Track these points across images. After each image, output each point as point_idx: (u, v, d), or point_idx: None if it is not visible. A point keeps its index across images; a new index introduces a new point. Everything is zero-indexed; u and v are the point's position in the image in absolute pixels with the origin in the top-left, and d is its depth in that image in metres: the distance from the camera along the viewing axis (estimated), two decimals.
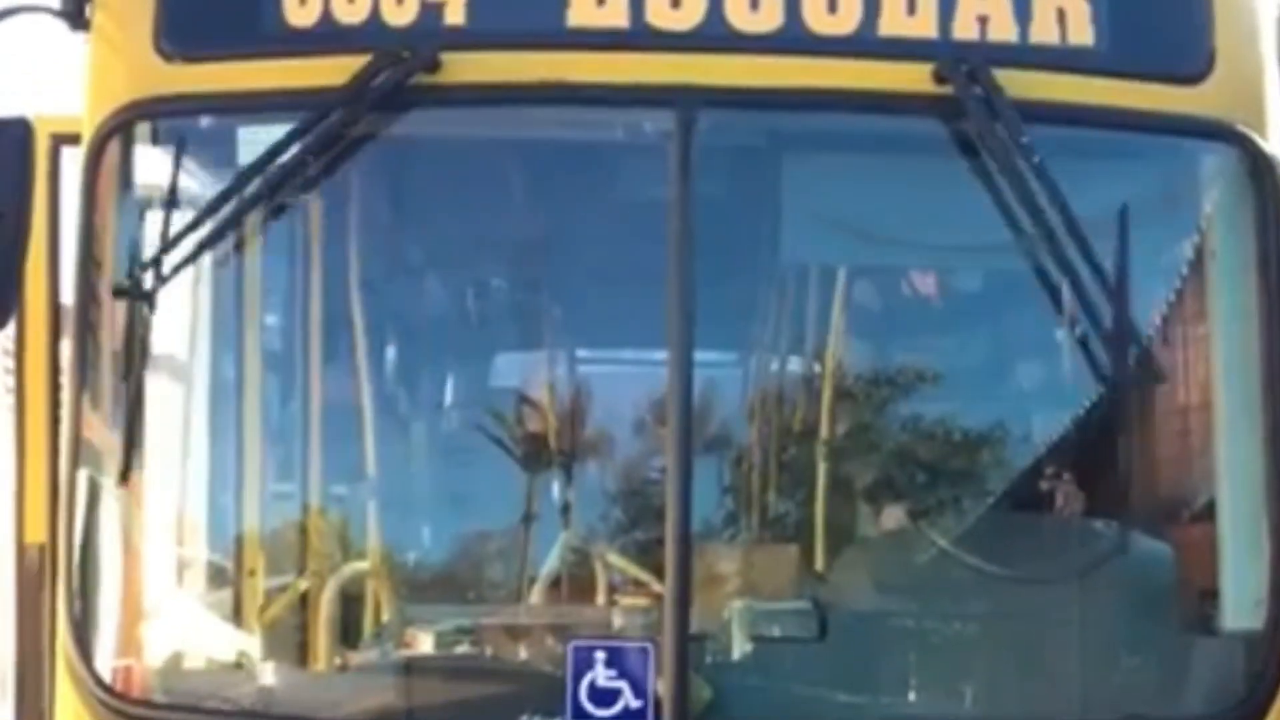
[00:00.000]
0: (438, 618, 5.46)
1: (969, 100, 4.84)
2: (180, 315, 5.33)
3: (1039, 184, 4.82)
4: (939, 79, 4.88)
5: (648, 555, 5.41)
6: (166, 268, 4.95)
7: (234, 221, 5.11)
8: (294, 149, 4.92)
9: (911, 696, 5.28)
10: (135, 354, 5.10)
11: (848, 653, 5.27)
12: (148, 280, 4.93)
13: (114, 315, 5.09)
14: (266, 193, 5.04)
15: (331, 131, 4.88)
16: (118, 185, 5.09)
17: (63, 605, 4.99)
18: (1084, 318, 4.98)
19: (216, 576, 5.54)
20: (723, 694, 4.94)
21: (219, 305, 5.44)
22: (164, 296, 5.05)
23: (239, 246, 5.25)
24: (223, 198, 4.97)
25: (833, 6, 4.98)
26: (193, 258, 5.01)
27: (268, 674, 5.36)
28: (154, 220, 5.06)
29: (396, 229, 5.68)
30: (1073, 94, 4.98)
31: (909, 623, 5.44)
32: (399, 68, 4.85)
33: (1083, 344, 5.02)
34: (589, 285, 5.88)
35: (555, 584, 5.69)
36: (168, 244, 4.93)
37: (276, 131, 4.94)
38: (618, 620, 5.38)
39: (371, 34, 4.94)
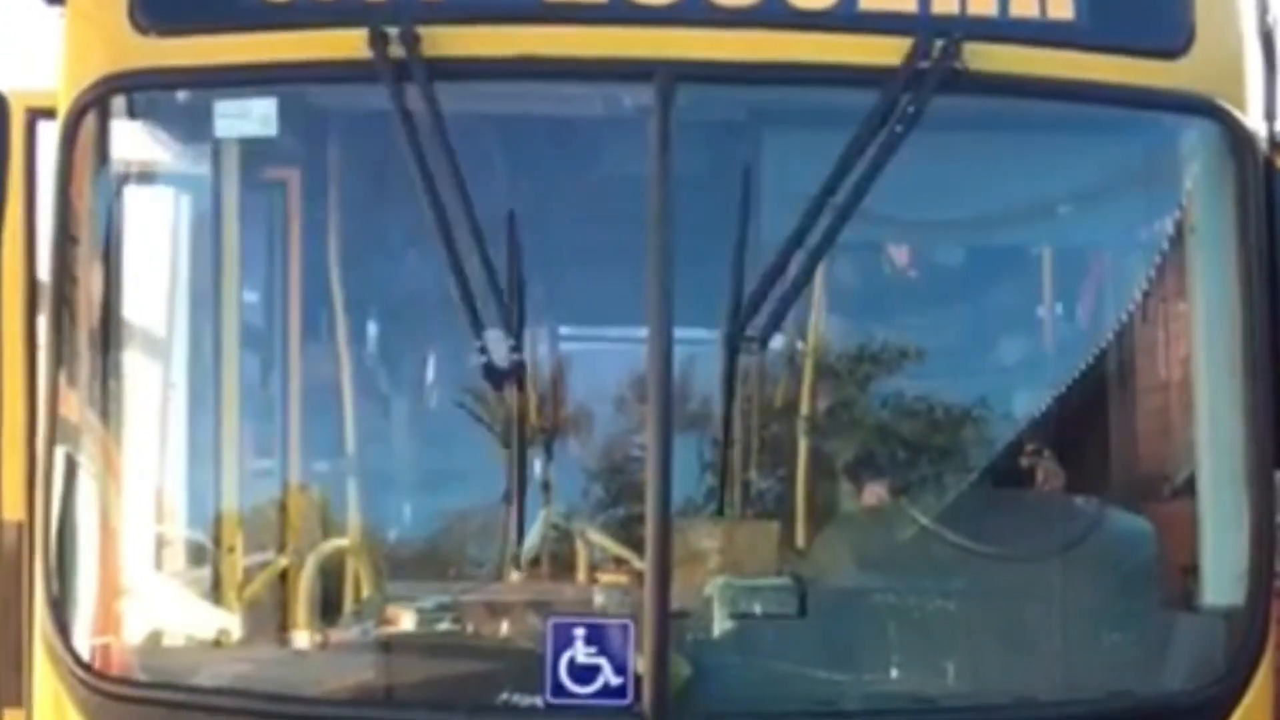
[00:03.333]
0: (418, 595, 5.45)
1: (947, 75, 4.83)
2: (158, 292, 5.32)
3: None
4: (918, 53, 4.87)
5: (628, 532, 5.41)
6: (143, 245, 4.94)
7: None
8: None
9: (892, 673, 5.28)
10: (112, 330, 5.09)
11: (828, 630, 5.28)
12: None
13: (91, 291, 5.08)
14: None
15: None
16: (94, 159, 5.07)
17: (40, 583, 4.98)
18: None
19: (196, 554, 5.53)
20: (702, 671, 4.94)
21: (197, 281, 5.43)
22: (141, 273, 5.04)
23: (217, 222, 5.23)
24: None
25: None
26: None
27: (247, 651, 5.35)
28: (130, 194, 5.04)
29: (374, 205, 5.66)
30: (1052, 68, 4.97)
31: (889, 600, 5.44)
32: (376, 42, 4.83)
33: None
34: (568, 262, 5.87)
35: (535, 561, 5.69)
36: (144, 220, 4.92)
37: (251, 106, 4.93)
38: (598, 597, 5.37)
39: (348, 8, 4.92)
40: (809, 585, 5.31)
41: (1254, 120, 5.11)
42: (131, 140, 5.12)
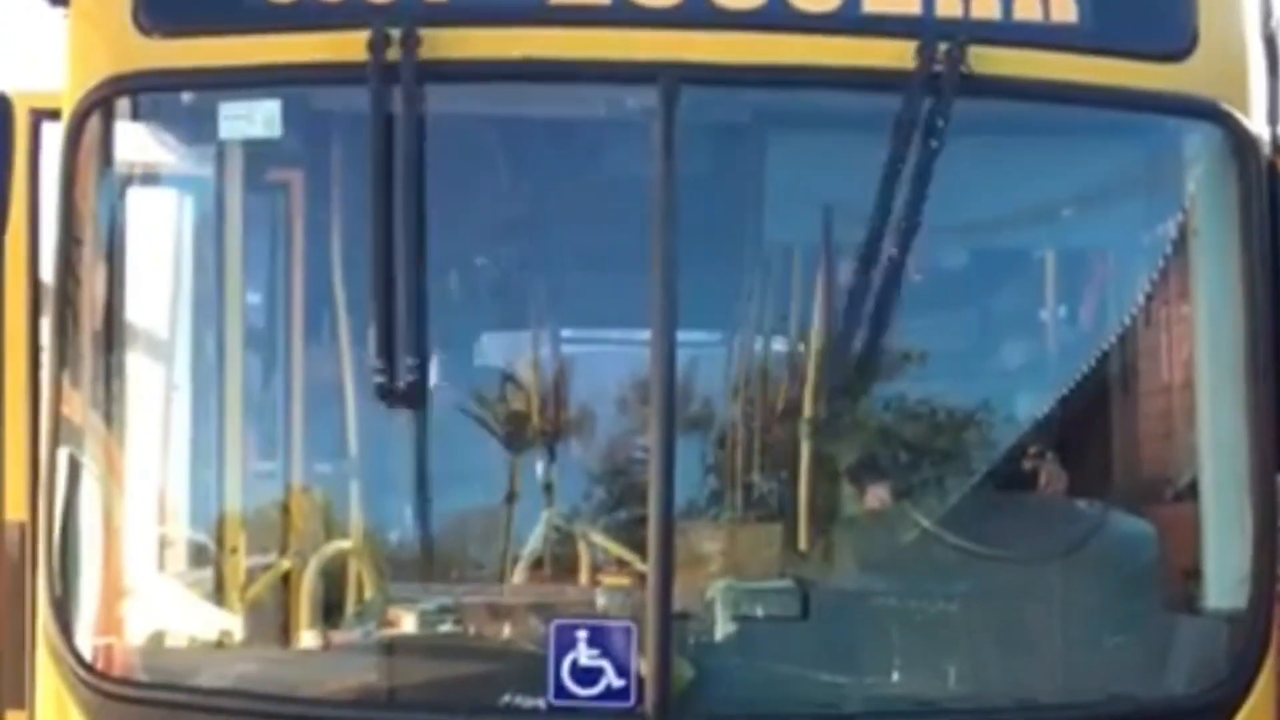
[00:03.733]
0: (420, 597, 5.44)
1: (951, 77, 4.83)
2: (161, 293, 5.31)
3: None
4: (922, 56, 4.87)
5: (631, 535, 5.40)
6: (146, 246, 4.94)
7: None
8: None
9: (894, 676, 5.28)
10: (115, 332, 5.09)
11: (830, 632, 5.28)
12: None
13: (94, 292, 5.08)
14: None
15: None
16: (98, 161, 5.07)
17: (43, 583, 4.98)
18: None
19: (198, 555, 5.53)
20: (705, 673, 4.95)
21: (200, 283, 5.43)
22: (144, 275, 5.04)
23: (220, 224, 5.23)
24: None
25: None
26: (173, 236, 5.00)
27: (250, 653, 5.35)
28: (134, 196, 5.05)
29: (377, 206, 5.65)
30: (1056, 71, 4.97)
31: (892, 602, 5.44)
32: (378, 44, 4.83)
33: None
34: (571, 264, 5.87)
35: (538, 563, 5.69)
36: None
37: (256, 107, 4.93)
38: (600, 599, 5.37)
39: (352, 10, 4.92)
40: (811, 588, 5.32)
41: (1257, 123, 5.12)
42: (135, 142, 5.12)
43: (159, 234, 5.34)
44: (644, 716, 4.69)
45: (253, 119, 4.98)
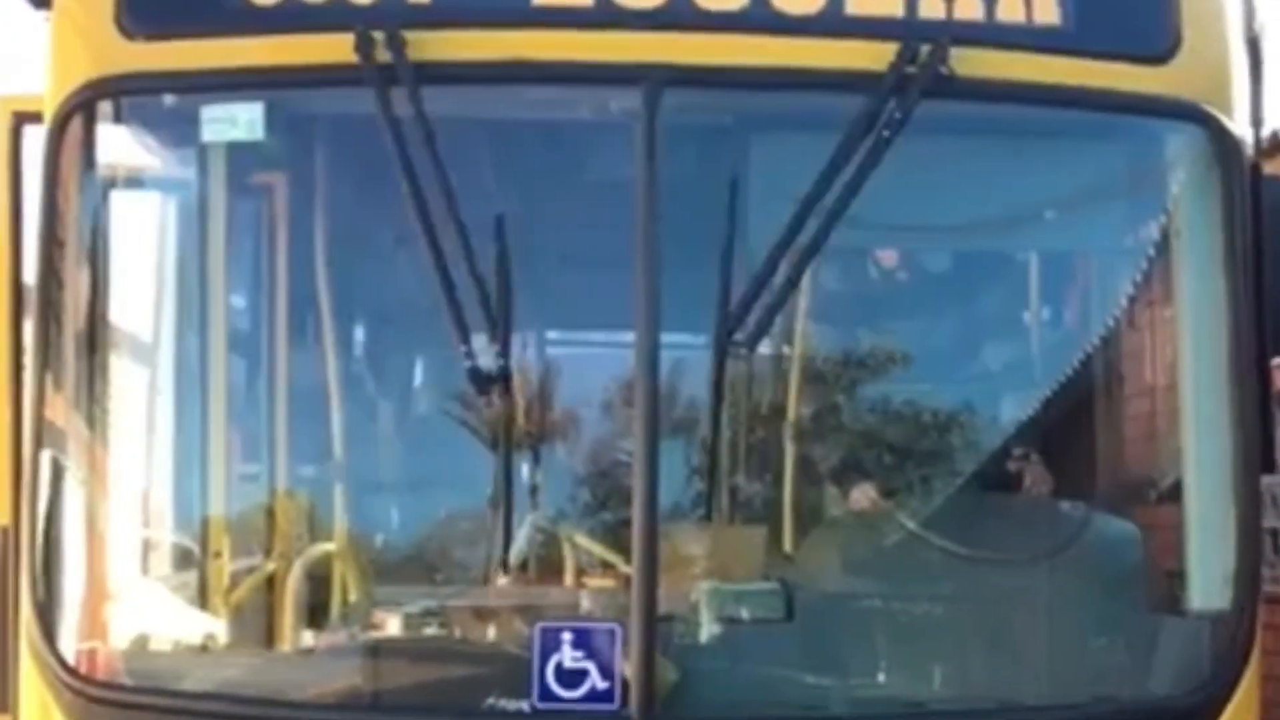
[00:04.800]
0: (405, 599, 5.43)
1: (934, 80, 4.84)
2: (144, 296, 5.31)
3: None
4: (905, 58, 4.87)
5: (615, 537, 5.40)
6: (129, 249, 4.93)
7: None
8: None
9: (879, 678, 5.28)
10: (99, 335, 5.08)
11: (815, 634, 5.28)
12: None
13: (77, 295, 5.07)
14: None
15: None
16: (80, 164, 5.05)
17: (26, 587, 4.97)
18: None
19: (182, 558, 5.52)
20: (690, 675, 4.94)
21: (184, 286, 5.42)
22: (127, 278, 5.03)
23: (204, 227, 5.22)
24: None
25: None
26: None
27: (234, 656, 5.34)
28: (116, 199, 5.04)
29: (362, 209, 5.66)
30: (1039, 73, 4.97)
31: (877, 604, 5.45)
32: (363, 46, 4.82)
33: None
34: (555, 266, 5.87)
35: (522, 565, 5.68)
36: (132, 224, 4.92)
37: (238, 110, 4.92)
38: (585, 602, 5.37)
39: (335, 12, 4.91)
40: (796, 589, 5.31)
41: (1240, 126, 5.12)
42: (118, 145, 5.10)
43: (142, 237, 5.33)
44: (628, 718, 4.69)
45: (235, 122, 4.97)
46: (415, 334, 6.18)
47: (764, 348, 5.89)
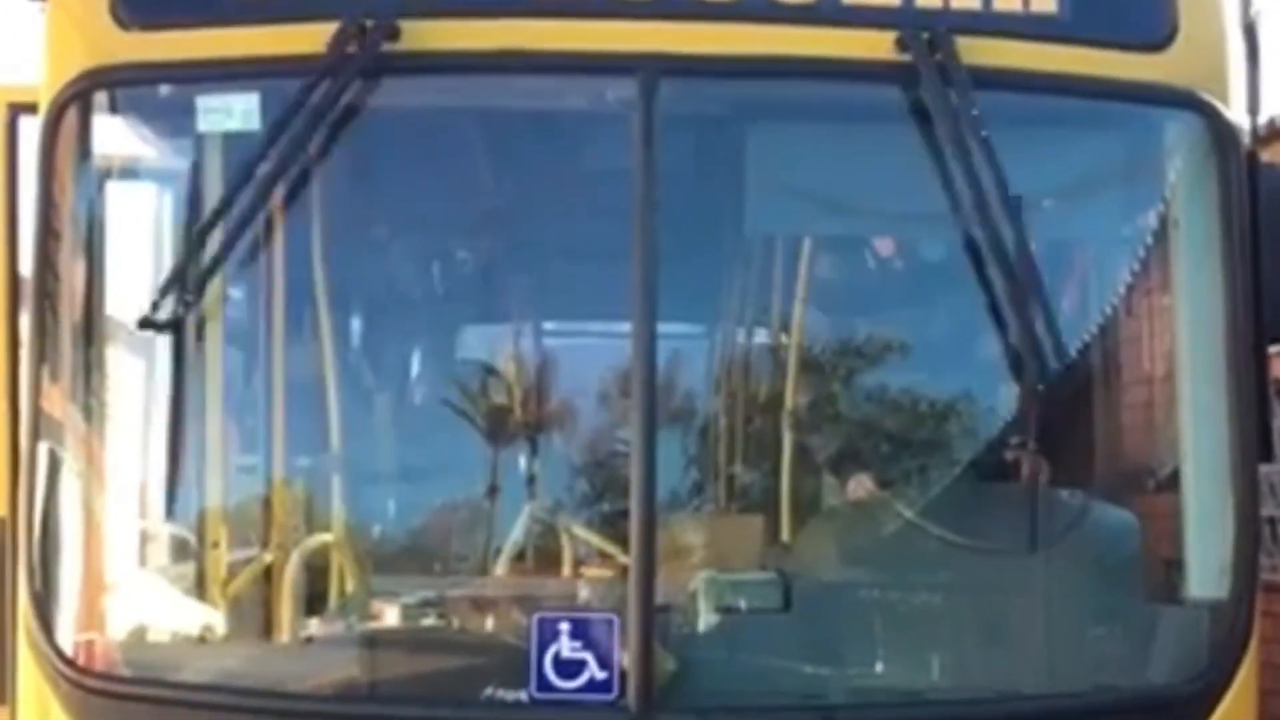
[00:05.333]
0: (402, 590, 5.44)
1: (930, 68, 4.83)
2: (140, 287, 5.29)
3: (1000, 153, 4.82)
4: (901, 47, 4.87)
5: (613, 527, 5.40)
6: (125, 240, 4.92)
7: (195, 192, 5.07)
8: (253, 119, 4.90)
9: (877, 667, 5.28)
10: (95, 326, 5.08)
11: (813, 624, 5.27)
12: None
13: (73, 287, 5.07)
14: (226, 165, 5.02)
15: (290, 101, 4.84)
16: (76, 155, 5.05)
17: (23, 579, 4.96)
18: (1048, 288, 4.98)
19: (180, 550, 5.51)
20: (687, 665, 4.94)
21: (182, 277, 5.41)
22: (124, 269, 5.02)
23: (199, 217, 5.21)
24: (184, 169, 4.96)
25: None
26: (152, 229, 4.98)
27: (232, 647, 5.34)
28: (112, 189, 5.03)
29: (358, 200, 5.65)
30: (1036, 61, 4.97)
31: (874, 594, 5.44)
32: (359, 36, 4.82)
33: (1047, 314, 5.01)
34: (551, 257, 5.86)
35: (520, 556, 5.68)
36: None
37: (234, 101, 4.92)
38: (583, 592, 5.38)
39: (330, 2, 4.90)
40: (793, 579, 5.31)
41: (1237, 113, 5.11)
42: (113, 135, 5.10)
43: (138, 228, 5.32)
44: (626, 709, 4.69)
45: (231, 112, 4.97)
46: (413, 324, 6.18)
47: (760, 337, 5.91)
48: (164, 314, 5.04)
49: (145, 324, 5.02)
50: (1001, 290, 5.09)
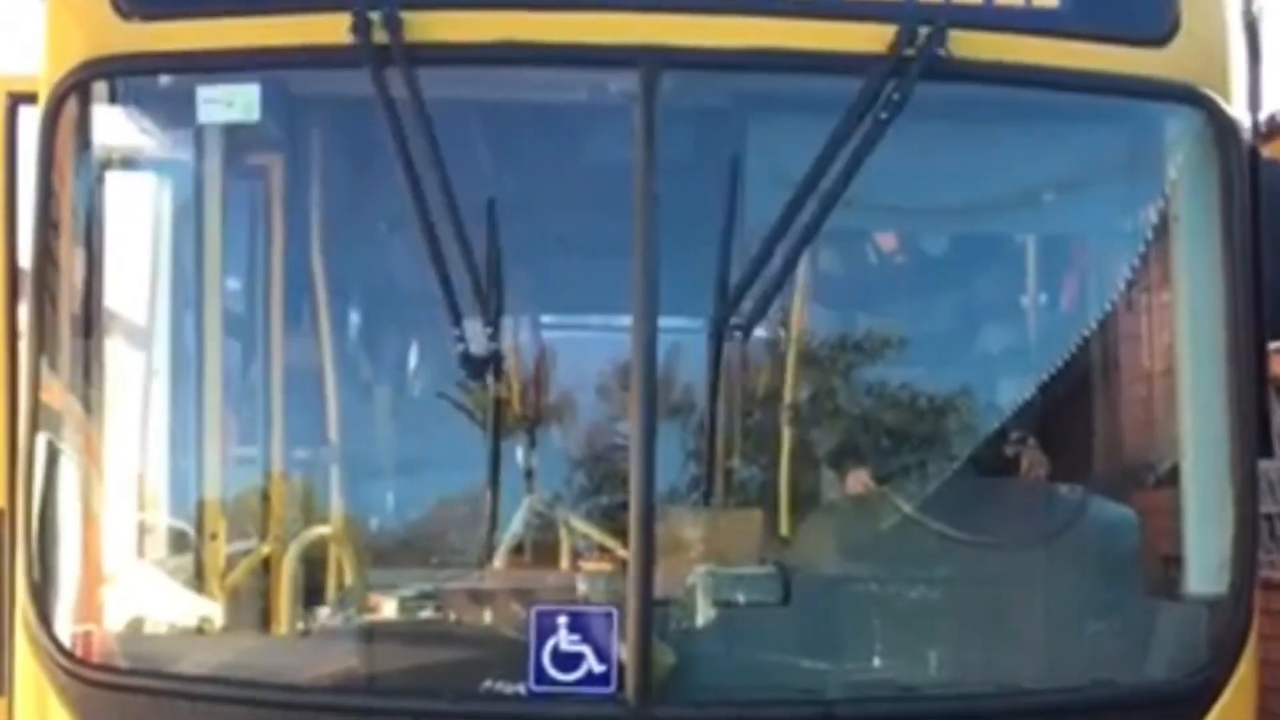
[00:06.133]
0: (401, 583, 5.44)
1: (931, 62, 4.83)
2: (140, 278, 5.29)
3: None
4: (903, 41, 4.86)
5: (612, 520, 5.40)
6: (125, 231, 4.92)
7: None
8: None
9: (876, 661, 5.28)
10: (94, 317, 5.07)
11: (812, 618, 5.27)
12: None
13: (72, 277, 5.06)
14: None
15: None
16: (75, 145, 5.05)
17: (22, 570, 4.96)
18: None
19: (178, 541, 5.51)
20: (686, 659, 4.94)
21: (179, 268, 5.41)
22: (123, 259, 5.02)
23: (200, 208, 5.21)
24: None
25: None
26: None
27: (230, 639, 5.34)
28: (112, 180, 5.02)
29: (357, 191, 5.65)
30: (1037, 56, 4.96)
31: (873, 588, 5.44)
32: (360, 28, 4.81)
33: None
34: (552, 249, 5.86)
35: (519, 549, 5.67)
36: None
37: (234, 91, 4.91)
38: (581, 585, 5.36)
39: None
40: (792, 573, 5.31)
41: (1238, 109, 5.11)
42: (113, 125, 5.10)
43: (137, 219, 5.32)
44: (625, 702, 4.69)
45: (231, 103, 4.96)
46: (412, 317, 6.17)
47: (761, 331, 5.89)
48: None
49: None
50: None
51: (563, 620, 4.78)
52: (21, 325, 5.28)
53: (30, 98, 5.20)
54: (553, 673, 4.76)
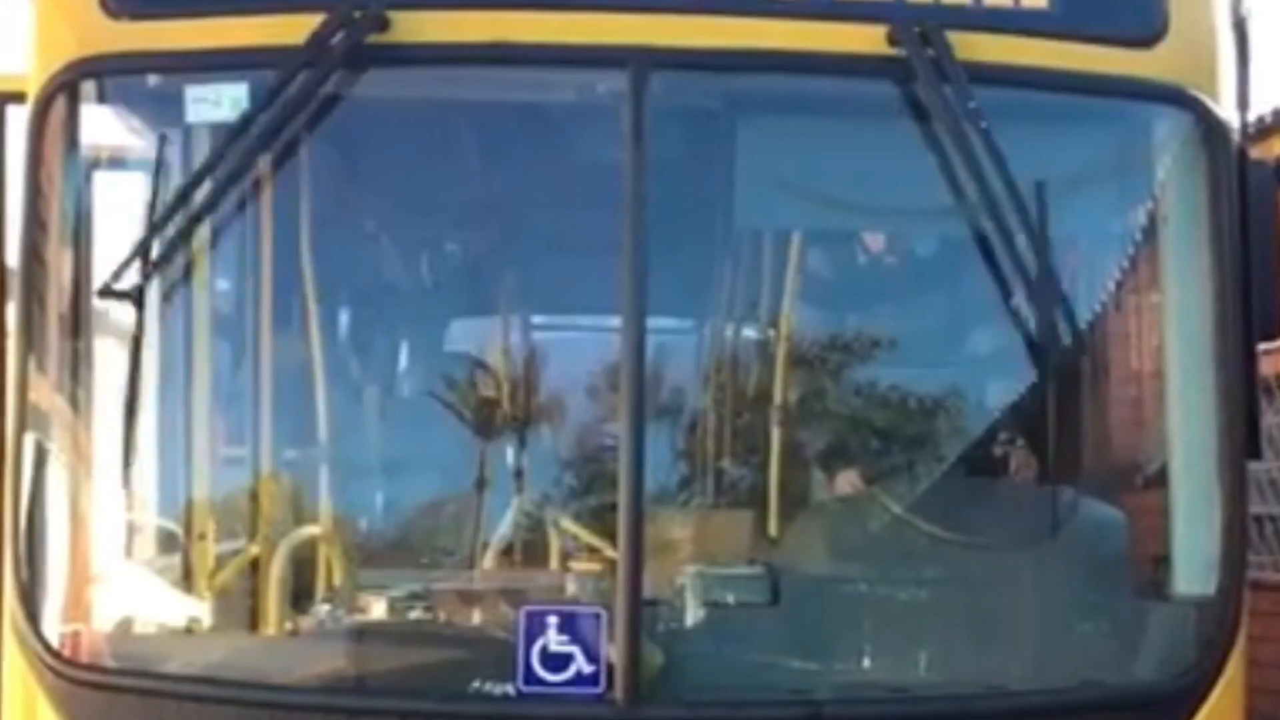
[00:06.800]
0: (390, 583, 5.43)
1: (921, 63, 4.83)
2: (128, 278, 5.28)
3: (990, 148, 4.82)
4: (893, 41, 4.87)
5: (601, 521, 5.39)
6: (113, 230, 4.91)
7: (183, 183, 5.06)
8: (241, 110, 4.89)
9: (865, 662, 5.28)
10: (82, 316, 5.06)
11: (801, 619, 5.27)
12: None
13: (60, 277, 5.05)
14: (214, 154, 5.00)
15: (278, 92, 4.83)
16: (63, 144, 5.05)
17: (9, 570, 4.96)
18: (1037, 283, 4.98)
19: (166, 541, 5.50)
20: (675, 659, 4.94)
21: (168, 267, 5.39)
22: (111, 259, 5.01)
23: (187, 207, 5.20)
24: (172, 159, 4.94)
25: None
26: (140, 219, 4.97)
27: (219, 639, 5.33)
28: (100, 179, 5.02)
29: (346, 192, 5.64)
30: (1027, 57, 4.97)
31: (862, 589, 5.44)
32: (348, 27, 4.80)
33: (1036, 309, 5.01)
34: (541, 250, 5.86)
35: (508, 549, 5.67)
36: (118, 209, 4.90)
37: (223, 91, 4.91)
38: (570, 586, 5.37)
39: None
40: (781, 574, 5.31)
41: (1227, 110, 5.12)
42: (102, 125, 5.10)
43: (125, 218, 5.31)
44: (613, 702, 4.69)
45: (219, 103, 4.96)
46: (401, 317, 6.17)
47: (749, 332, 5.90)
48: (150, 304, 5.03)
49: (132, 316, 5.00)
50: (990, 286, 5.09)
51: (552, 621, 4.78)
52: (9, 325, 5.26)
53: (18, 97, 5.19)
54: (541, 673, 4.75)
